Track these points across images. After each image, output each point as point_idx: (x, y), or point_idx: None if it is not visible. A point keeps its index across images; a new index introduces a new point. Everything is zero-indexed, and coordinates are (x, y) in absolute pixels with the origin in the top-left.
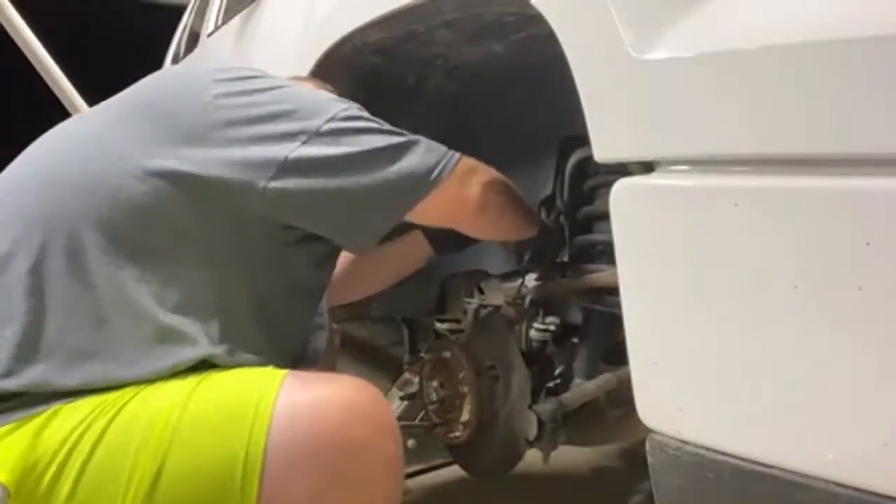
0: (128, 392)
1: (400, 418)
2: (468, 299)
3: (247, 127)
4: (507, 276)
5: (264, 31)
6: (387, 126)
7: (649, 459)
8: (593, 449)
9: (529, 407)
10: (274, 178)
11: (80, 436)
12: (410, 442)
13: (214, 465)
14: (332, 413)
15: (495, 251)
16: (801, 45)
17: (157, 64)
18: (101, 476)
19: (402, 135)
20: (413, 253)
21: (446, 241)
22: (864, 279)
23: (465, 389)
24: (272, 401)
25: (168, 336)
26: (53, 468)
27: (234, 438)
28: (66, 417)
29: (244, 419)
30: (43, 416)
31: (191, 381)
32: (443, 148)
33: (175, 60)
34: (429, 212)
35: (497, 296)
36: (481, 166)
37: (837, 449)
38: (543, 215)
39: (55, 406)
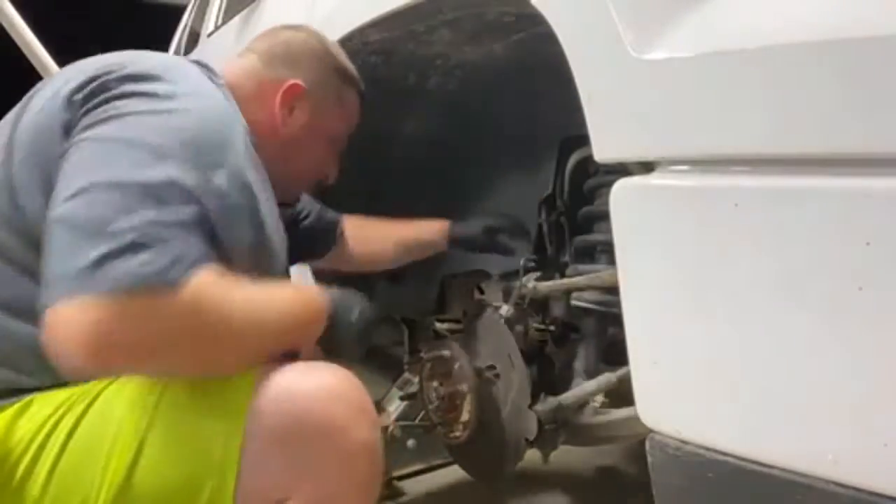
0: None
1: (400, 418)
2: (468, 299)
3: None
4: (507, 276)
5: None
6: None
7: (649, 459)
8: (593, 449)
9: (529, 407)
10: None
11: (56, 424)
12: (410, 442)
13: (193, 447)
14: (311, 394)
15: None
16: (801, 45)
17: None
18: (77, 462)
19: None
20: (428, 236)
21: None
22: (864, 279)
23: (465, 389)
24: (251, 381)
25: None
26: (28, 457)
27: (212, 419)
28: (41, 406)
29: (223, 400)
30: (17, 406)
31: None
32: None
33: None
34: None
35: (497, 296)
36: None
37: (837, 449)
38: (544, 215)
39: (28, 396)
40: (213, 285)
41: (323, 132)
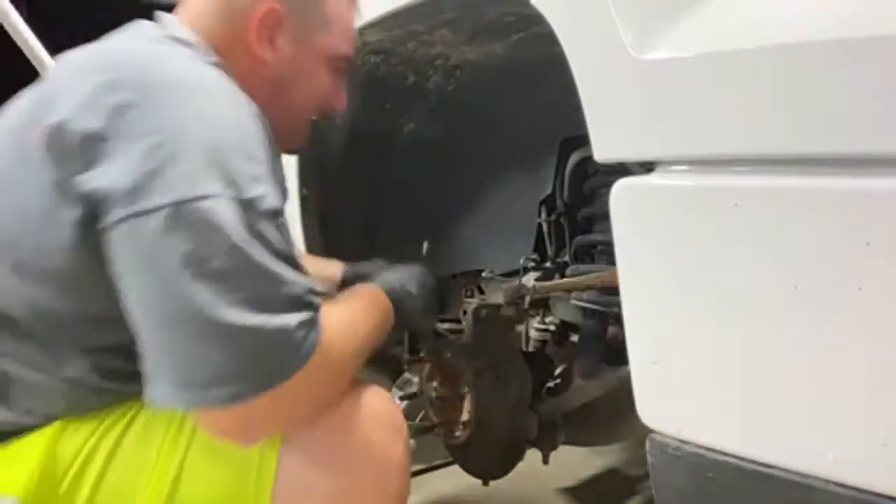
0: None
1: None
2: (468, 299)
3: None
4: (507, 276)
5: None
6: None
7: (649, 459)
8: (593, 449)
9: (529, 407)
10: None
11: (97, 443)
12: (410, 442)
13: (229, 469)
14: (347, 414)
15: (495, 251)
16: (801, 45)
17: None
18: (119, 485)
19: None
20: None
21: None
22: (864, 279)
23: (465, 389)
24: None
25: None
26: (70, 477)
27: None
28: (77, 428)
29: None
30: (54, 428)
31: None
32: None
33: None
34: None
35: (497, 296)
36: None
37: (837, 449)
38: (544, 215)
39: (61, 420)
40: (330, 333)
41: (316, 57)
